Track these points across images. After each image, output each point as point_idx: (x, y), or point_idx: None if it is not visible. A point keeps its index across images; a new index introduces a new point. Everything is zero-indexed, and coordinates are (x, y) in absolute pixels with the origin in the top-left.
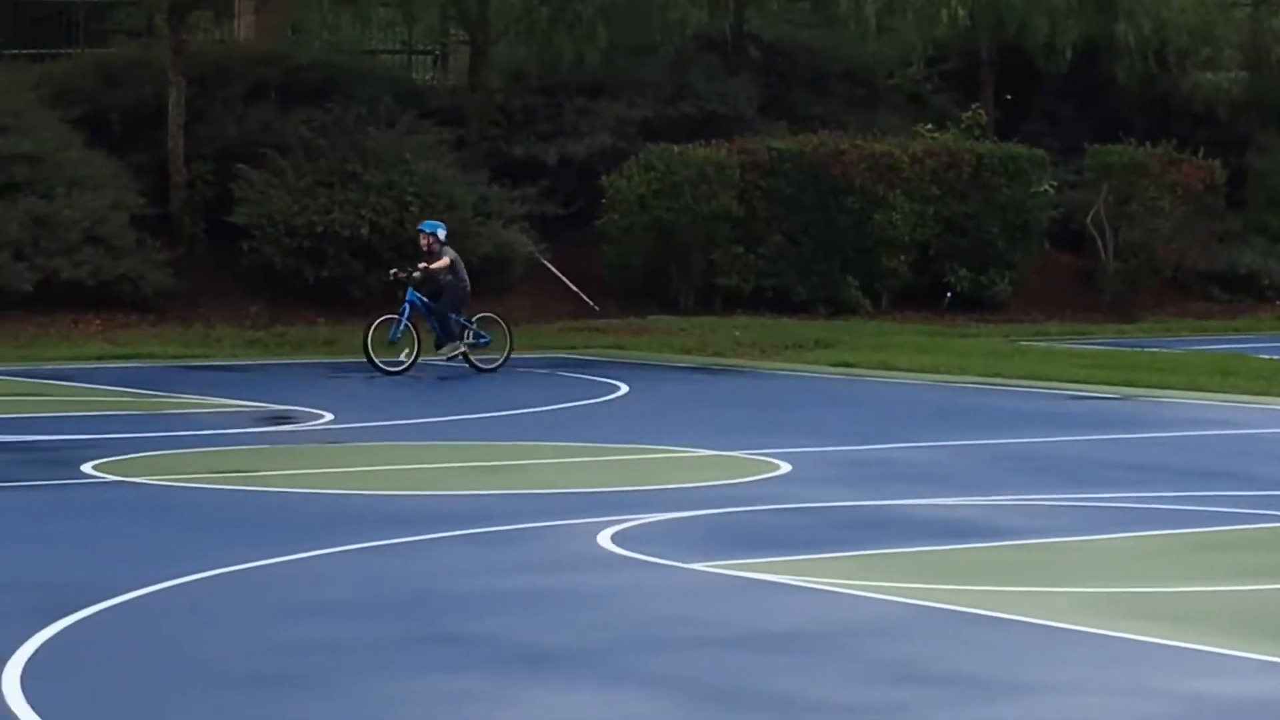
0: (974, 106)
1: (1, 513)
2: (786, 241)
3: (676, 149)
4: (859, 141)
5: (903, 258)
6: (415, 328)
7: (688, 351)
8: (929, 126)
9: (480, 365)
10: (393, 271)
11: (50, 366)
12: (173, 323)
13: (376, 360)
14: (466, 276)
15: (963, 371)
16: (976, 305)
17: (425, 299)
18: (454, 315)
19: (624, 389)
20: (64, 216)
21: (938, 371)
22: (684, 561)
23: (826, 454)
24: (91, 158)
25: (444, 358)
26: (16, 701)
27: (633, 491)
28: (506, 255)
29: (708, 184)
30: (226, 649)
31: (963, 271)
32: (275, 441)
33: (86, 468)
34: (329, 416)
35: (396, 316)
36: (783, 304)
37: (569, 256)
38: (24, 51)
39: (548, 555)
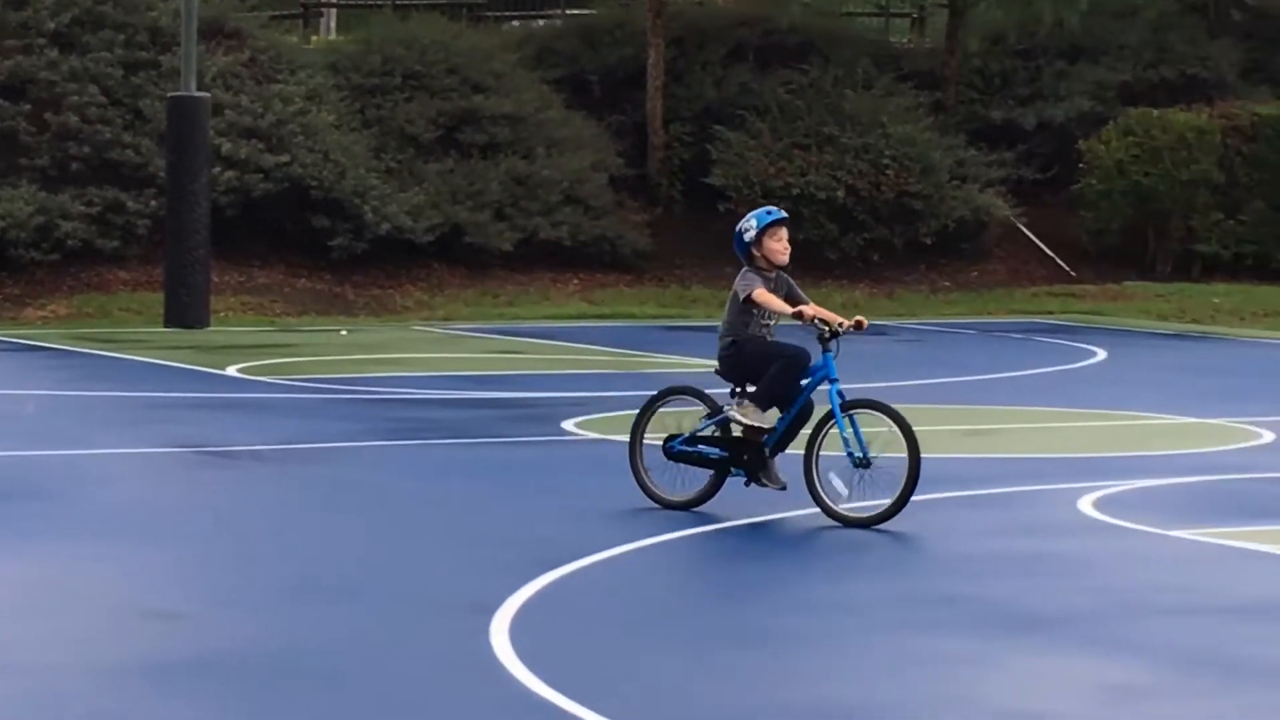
0: None
1: (486, 468)
2: (1268, 208)
3: (1156, 113)
4: None
5: None
6: None
7: (1165, 318)
8: None
9: None
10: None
11: (530, 325)
12: (649, 283)
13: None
14: None
15: None
16: None
17: None
18: None
19: (1101, 355)
20: (544, 177)
21: None
22: (1166, 529)
23: None
24: (571, 119)
25: None
26: (504, 651)
27: (1112, 458)
28: (982, 219)
29: (1188, 149)
30: (702, 607)
31: None
32: None
33: (567, 425)
34: None
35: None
36: (1263, 271)
37: (1046, 221)
38: (505, 14)
39: (1030, 520)
